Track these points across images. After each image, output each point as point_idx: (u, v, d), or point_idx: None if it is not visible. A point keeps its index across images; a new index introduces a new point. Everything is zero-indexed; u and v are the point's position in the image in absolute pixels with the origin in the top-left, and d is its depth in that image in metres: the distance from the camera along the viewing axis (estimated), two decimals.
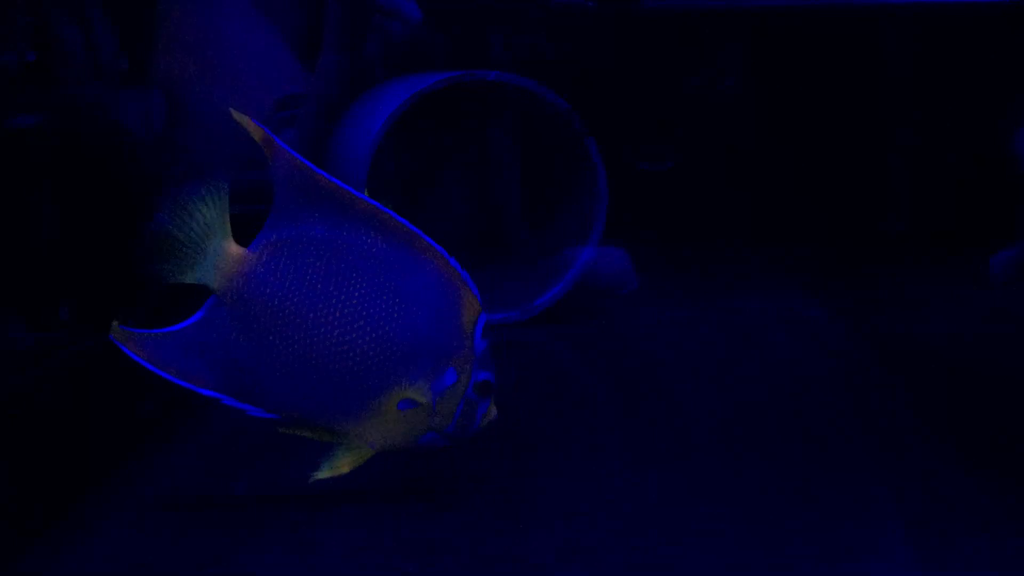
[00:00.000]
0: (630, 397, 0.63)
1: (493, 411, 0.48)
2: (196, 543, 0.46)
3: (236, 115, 0.46)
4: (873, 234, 0.90)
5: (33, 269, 0.67)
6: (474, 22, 0.82)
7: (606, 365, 0.70)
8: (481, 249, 0.81)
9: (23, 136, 0.66)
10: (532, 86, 0.72)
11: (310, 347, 0.45)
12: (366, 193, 0.56)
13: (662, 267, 0.86)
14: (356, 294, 0.46)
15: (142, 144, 0.74)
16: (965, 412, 0.59)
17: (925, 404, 0.60)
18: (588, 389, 0.68)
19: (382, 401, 0.46)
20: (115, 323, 0.46)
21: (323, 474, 0.47)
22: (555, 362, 0.73)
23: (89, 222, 0.69)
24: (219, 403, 0.46)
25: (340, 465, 0.47)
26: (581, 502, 0.49)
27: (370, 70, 0.80)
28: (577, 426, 0.60)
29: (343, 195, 0.46)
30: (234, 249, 0.46)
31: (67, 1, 0.72)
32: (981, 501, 0.48)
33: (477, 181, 0.83)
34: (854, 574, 0.42)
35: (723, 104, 0.89)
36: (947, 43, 0.85)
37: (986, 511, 0.47)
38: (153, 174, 0.74)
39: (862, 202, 0.90)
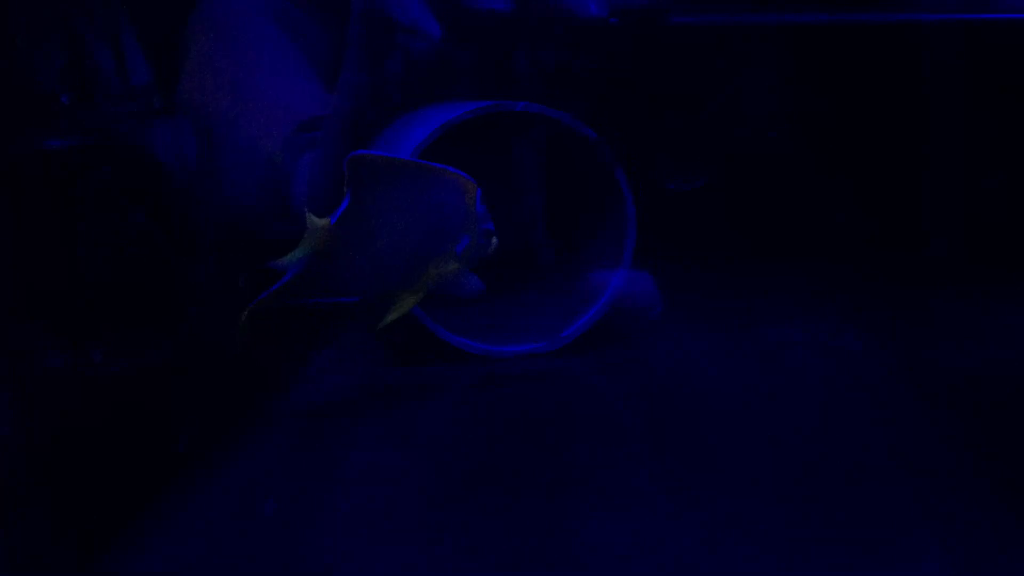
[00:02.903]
0: (663, 431, 0.63)
1: (494, 241, 0.69)
2: None
3: None
4: (914, 257, 0.88)
5: (70, 306, 0.67)
6: (497, 39, 0.80)
7: (637, 397, 0.69)
8: (506, 275, 0.80)
9: (56, 168, 0.66)
10: (560, 116, 0.71)
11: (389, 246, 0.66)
12: None
13: (693, 291, 0.84)
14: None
15: (176, 174, 0.74)
16: (1014, 450, 0.58)
17: (971, 442, 0.59)
18: (619, 422, 0.67)
19: (427, 268, 0.67)
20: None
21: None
22: (585, 393, 0.72)
23: (123, 256, 0.69)
24: None
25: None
26: (617, 544, 0.49)
27: (392, 89, 0.79)
28: (610, 461, 0.59)
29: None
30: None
31: (101, 30, 0.71)
32: None
33: (503, 206, 0.82)
34: None
35: (754, 121, 0.87)
36: (991, 59, 0.84)
37: None
38: (188, 204, 0.73)
39: (902, 223, 0.88)
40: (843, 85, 0.86)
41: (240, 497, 0.56)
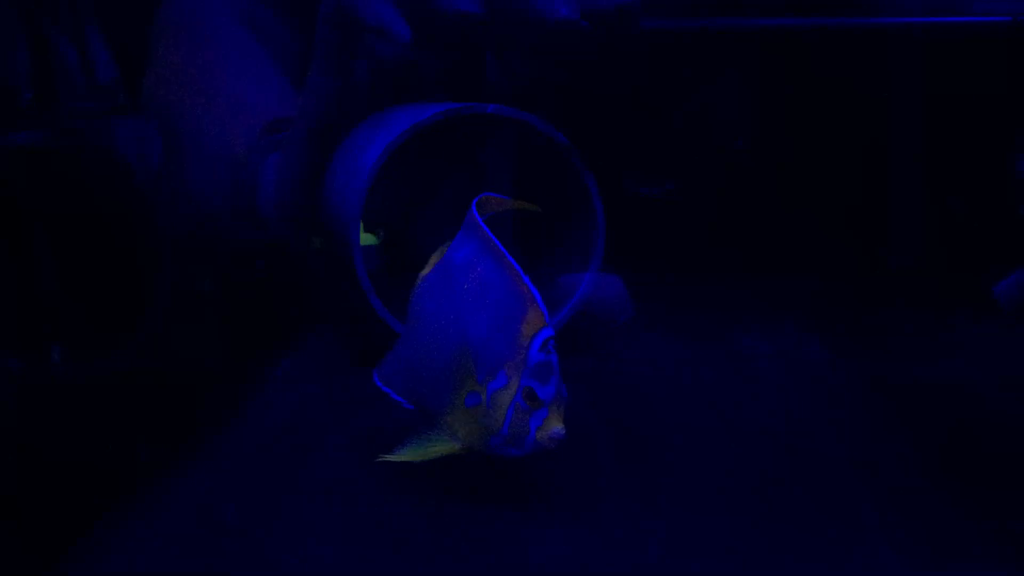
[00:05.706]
0: (629, 442, 0.62)
1: (552, 427, 0.51)
2: None
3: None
4: (879, 270, 0.88)
5: (24, 307, 0.67)
6: (467, 43, 0.79)
7: (603, 406, 0.69)
8: None
9: (15, 165, 0.65)
10: (531, 120, 0.70)
11: (425, 344, 0.53)
12: (361, 224, 0.66)
13: (659, 301, 0.84)
14: (453, 301, 0.53)
15: (138, 174, 0.73)
16: (978, 464, 0.58)
17: (935, 454, 0.59)
18: (586, 432, 0.66)
19: (457, 394, 0.52)
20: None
21: (395, 457, 0.53)
22: None
23: (83, 258, 0.68)
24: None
25: (418, 453, 0.53)
26: (581, 555, 0.49)
27: (359, 92, 0.78)
28: (577, 471, 0.58)
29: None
30: None
31: (66, 26, 0.71)
32: (991, 557, 0.47)
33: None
34: None
35: (724, 129, 0.87)
36: (959, 68, 0.83)
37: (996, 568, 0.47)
38: (150, 207, 0.72)
39: (867, 236, 0.88)
40: (809, 93, 0.86)
41: (200, 507, 0.55)
